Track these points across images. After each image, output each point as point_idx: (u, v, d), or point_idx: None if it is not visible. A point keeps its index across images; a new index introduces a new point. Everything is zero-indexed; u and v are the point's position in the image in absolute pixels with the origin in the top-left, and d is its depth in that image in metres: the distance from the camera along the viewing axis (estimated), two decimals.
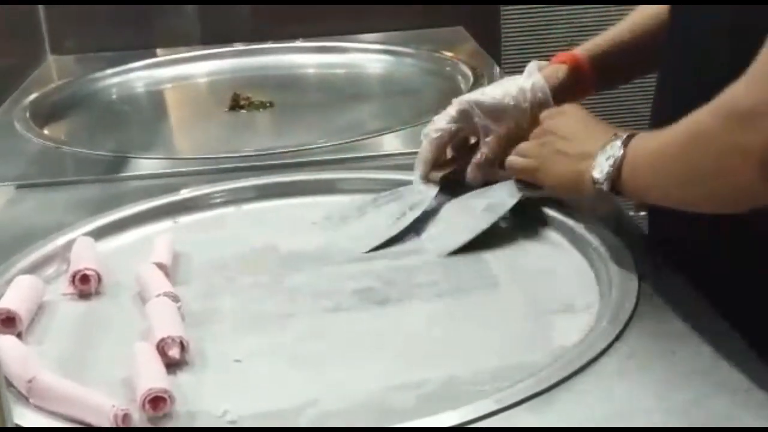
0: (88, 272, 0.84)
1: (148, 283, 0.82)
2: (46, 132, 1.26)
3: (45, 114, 1.33)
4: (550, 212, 0.92)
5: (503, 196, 0.91)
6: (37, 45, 1.68)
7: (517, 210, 0.92)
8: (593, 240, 0.86)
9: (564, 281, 0.83)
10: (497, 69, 1.45)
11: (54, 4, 1.66)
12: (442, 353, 0.73)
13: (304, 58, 1.58)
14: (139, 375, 0.68)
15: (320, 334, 0.77)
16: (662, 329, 0.72)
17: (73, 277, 0.84)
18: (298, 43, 1.60)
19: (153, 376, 0.68)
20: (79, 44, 1.70)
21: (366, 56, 1.57)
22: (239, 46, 1.60)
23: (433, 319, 0.78)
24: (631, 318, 0.73)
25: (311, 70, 1.58)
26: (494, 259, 0.87)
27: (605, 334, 0.72)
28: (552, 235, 0.91)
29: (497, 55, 1.75)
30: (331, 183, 1.03)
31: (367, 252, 0.89)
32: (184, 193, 1.02)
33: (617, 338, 0.71)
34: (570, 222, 0.90)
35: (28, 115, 1.30)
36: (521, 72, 0.99)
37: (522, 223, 0.92)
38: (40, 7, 1.68)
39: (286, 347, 0.75)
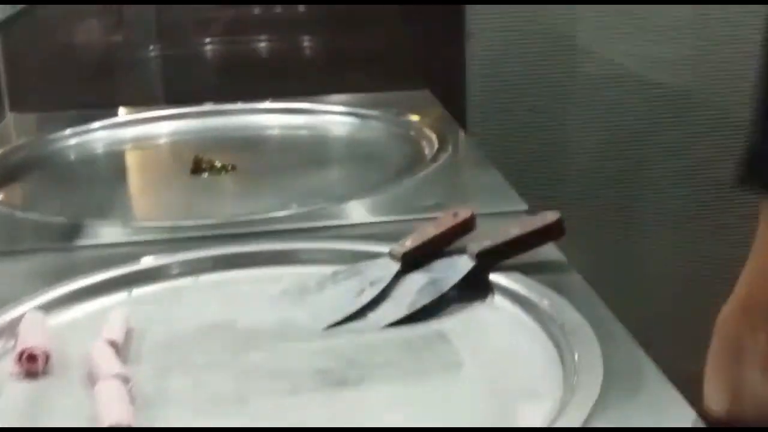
0: (35, 351, 0.81)
1: (97, 363, 0.79)
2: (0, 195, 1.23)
3: (0, 175, 1.30)
4: (503, 281, 0.92)
5: (450, 272, 0.91)
6: None
7: (469, 279, 0.91)
8: (554, 314, 0.85)
9: (527, 362, 0.81)
10: (462, 134, 1.45)
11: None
12: None
13: (268, 119, 1.57)
14: None
15: (275, 419, 0.74)
16: (628, 416, 0.71)
17: (20, 356, 0.81)
18: (263, 104, 1.58)
19: None
20: (40, 102, 1.68)
21: (330, 118, 1.55)
22: (203, 107, 1.58)
23: (392, 403, 0.76)
24: (596, 405, 0.71)
25: (275, 132, 1.57)
26: (456, 337, 0.85)
27: (571, 421, 0.70)
28: (510, 308, 0.89)
29: (463, 118, 1.76)
30: (291, 254, 1.01)
31: (326, 329, 0.87)
32: (139, 264, 0.99)
33: (584, 425, 0.70)
34: (528, 294, 0.89)
35: None
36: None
37: (478, 294, 0.91)
38: (0, 63, 1.66)
39: None
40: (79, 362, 0.81)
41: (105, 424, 0.69)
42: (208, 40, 1.87)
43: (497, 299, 0.91)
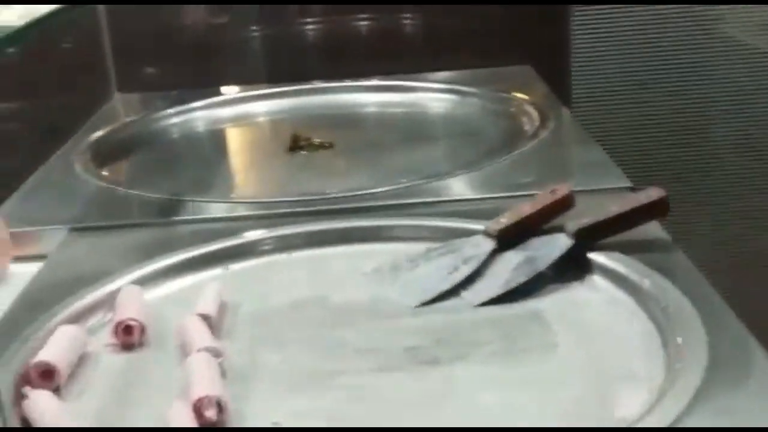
0: (131, 323, 0.82)
1: (190, 336, 0.80)
2: (104, 173, 1.26)
3: (106, 154, 1.33)
4: (603, 260, 0.88)
5: (547, 250, 0.88)
6: (104, 82, 1.70)
7: (566, 258, 0.88)
8: (656, 295, 0.81)
9: (626, 345, 0.77)
10: (564, 110, 1.41)
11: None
12: (494, 421, 0.69)
13: (366, 97, 1.56)
14: None
15: (364, 396, 0.73)
16: (733, 406, 0.67)
17: (116, 327, 0.82)
18: (361, 82, 1.57)
19: None
20: (146, 82, 1.72)
21: (428, 95, 1.53)
22: (301, 85, 1.58)
23: (485, 383, 0.74)
24: (699, 393, 0.68)
25: (372, 109, 1.55)
26: (552, 317, 0.83)
27: (670, 409, 0.66)
28: (610, 288, 0.86)
29: (567, 95, 1.71)
30: (384, 230, 1.00)
31: (416, 307, 0.85)
32: (235, 240, 0.99)
33: (683, 414, 0.66)
34: (628, 273, 0.85)
35: (88, 155, 1.30)
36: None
37: (576, 273, 0.88)
38: (108, 45, 1.70)
39: (327, 410, 0.71)
40: (174, 335, 0.82)
41: (195, 397, 0.69)
42: (309, 19, 1.88)
43: (596, 279, 0.88)
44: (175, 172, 1.30)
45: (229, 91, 1.61)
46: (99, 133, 1.39)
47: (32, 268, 0.99)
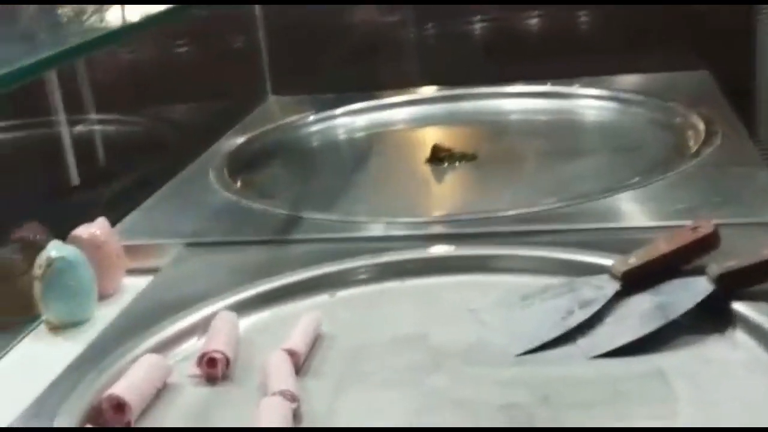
0: (215, 355, 0.78)
1: (271, 374, 0.75)
2: (237, 183, 1.24)
3: (242, 163, 1.31)
4: (748, 312, 0.76)
5: (682, 296, 0.76)
6: (259, 85, 1.69)
7: (704, 307, 0.76)
8: None
9: (762, 421, 0.65)
10: (738, 124, 1.25)
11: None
12: None
13: (516, 103, 1.46)
14: None
15: None
16: None
17: (201, 359, 0.78)
18: (506, 89, 1.47)
19: None
20: (300, 85, 1.70)
21: (583, 102, 1.42)
22: (449, 91, 1.51)
23: None
24: None
25: (521, 117, 1.46)
26: (678, 377, 0.71)
27: None
28: (753, 347, 0.74)
29: (750, 105, 1.53)
30: (505, 260, 0.91)
31: (521, 354, 0.76)
32: (345, 264, 0.94)
33: None
34: None
35: (225, 163, 1.28)
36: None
37: (715, 326, 0.76)
38: (264, 47, 1.70)
39: None
40: (260, 371, 0.77)
41: None
42: (477, 17, 1.79)
43: (738, 335, 0.76)
44: (306, 184, 1.26)
45: (379, 96, 1.55)
46: (238, 141, 1.38)
47: (145, 283, 0.98)
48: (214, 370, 0.78)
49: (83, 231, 0.97)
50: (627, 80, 1.49)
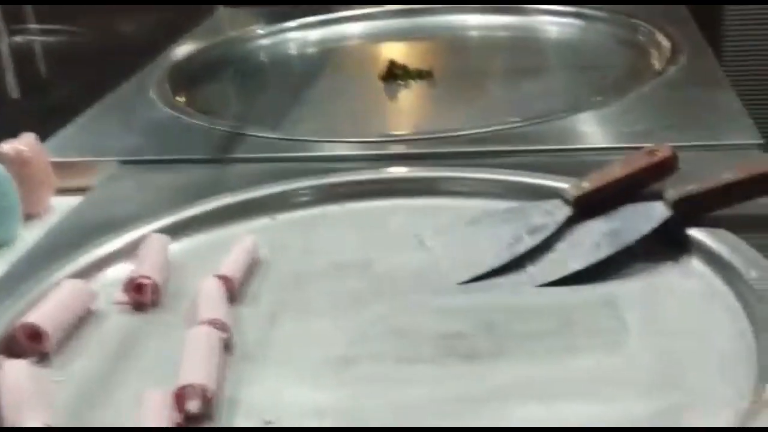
0: (143, 281, 0.73)
1: (202, 302, 0.70)
2: (179, 98, 1.17)
3: (185, 77, 1.25)
4: (705, 239, 0.72)
5: (637, 222, 0.72)
6: None
7: (660, 233, 0.73)
8: (764, 291, 0.65)
9: (714, 352, 0.62)
10: (704, 43, 1.20)
11: None
12: None
13: (473, 19, 1.40)
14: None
15: (380, 394, 0.61)
16: None
17: (127, 284, 0.74)
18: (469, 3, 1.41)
19: None
20: None
21: (542, 18, 1.36)
22: (402, 6, 1.43)
23: (527, 389, 0.60)
24: None
25: (479, 33, 1.40)
26: (629, 306, 0.68)
27: None
28: (708, 275, 0.70)
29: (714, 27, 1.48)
30: (453, 183, 0.87)
31: (464, 283, 0.72)
32: (286, 185, 0.89)
33: None
34: (734, 259, 0.69)
35: (166, 78, 1.22)
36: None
37: (670, 253, 0.73)
38: None
39: (335, 410, 0.60)
40: (192, 297, 0.73)
41: (177, 384, 0.60)
42: None
43: (693, 262, 0.72)
44: (252, 101, 1.20)
45: (336, 9, 1.48)
46: (182, 54, 1.31)
47: (75, 203, 0.92)
48: (141, 296, 0.73)
49: (8, 147, 0.91)
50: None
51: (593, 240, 0.74)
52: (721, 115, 0.97)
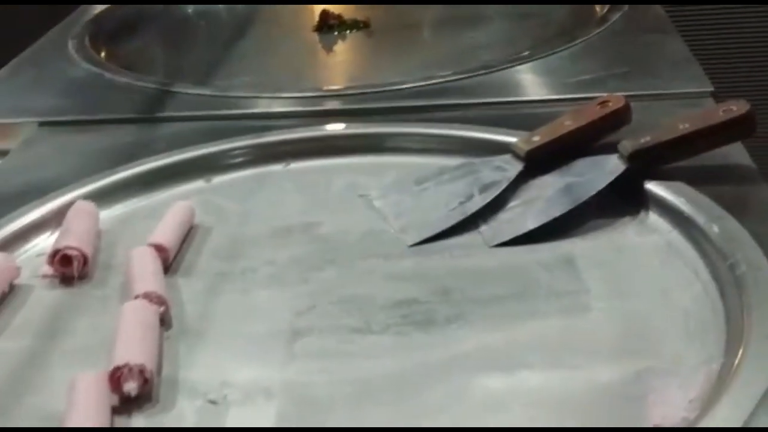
0: (70, 252, 0.68)
1: (135, 274, 0.65)
2: (102, 54, 1.10)
3: (107, 32, 1.17)
4: (662, 192, 0.69)
5: (592, 176, 0.69)
6: None
7: (616, 187, 0.70)
8: (725, 247, 0.62)
9: (676, 312, 0.60)
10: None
11: None
12: (487, 419, 0.53)
13: None
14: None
15: (333, 368, 0.58)
16: None
17: (52, 256, 0.68)
18: None
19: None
20: None
21: None
22: None
23: (485, 356, 0.57)
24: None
25: None
26: (588, 265, 0.65)
27: (722, 417, 0.49)
28: (666, 230, 0.67)
29: None
30: (397, 139, 0.82)
31: (415, 245, 0.69)
32: (221, 145, 0.83)
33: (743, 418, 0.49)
34: (693, 213, 0.66)
35: (87, 32, 1.14)
36: None
37: (627, 208, 0.70)
38: None
39: (282, 388, 0.56)
40: (124, 268, 0.68)
41: (116, 363, 0.55)
42: None
43: (651, 217, 0.69)
44: (180, 56, 1.14)
45: None
46: (102, 6, 1.23)
47: None
48: (68, 269, 0.68)
49: None
50: None
51: (547, 197, 0.71)
52: (669, 63, 0.94)
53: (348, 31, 1.17)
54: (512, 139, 0.77)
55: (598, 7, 1.13)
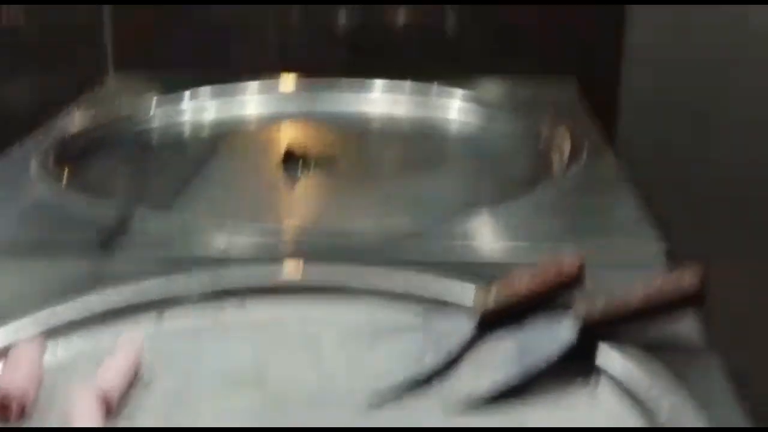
0: (8, 398, 0.66)
1: (74, 420, 0.63)
2: (64, 176, 1.10)
3: (69, 154, 1.17)
4: (613, 362, 0.70)
5: (545, 342, 0.70)
6: (100, 61, 1.54)
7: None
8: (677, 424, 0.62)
9: None
10: (600, 141, 1.20)
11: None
12: None
13: (380, 104, 1.38)
14: None
15: None
16: None
17: None
18: (374, 88, 1.39)
19: None
20: (146, 64, 1.55)
21: (442, 103, 1.36)
22: (311, 81, 1.41)
23: None
24: None
25: (383, 119, 1.37)
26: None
27: None
28: (616, 405, 0.67)
29: (614, 116, 1.51)
30: (362, 286, 0.82)
31: (365, 404, 0.67)
32: (175, 283, 0.83)
33: None
34: (642, 389, 0.67)
35: (51, 154, 1.14)
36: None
37: (579, 370, 0.70)
38: (107, 16, 1.54)
39: None
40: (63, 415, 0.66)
41: None
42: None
43: (601, 389, 0.69)
44: (140, 186, 1.13)
45: (234, 81, 1.42)
46: (65, 129, 1.23)
47: None
48: (4, 413, 0.66)
49: None
50: (490, 83, 1.44)
51: (502, 359, 0.70)
52: (622, 223, 0.97)
53: (310, 168, 1.17)
54: (467, 293, 0.77)
55: (556, 159, 1.15)
